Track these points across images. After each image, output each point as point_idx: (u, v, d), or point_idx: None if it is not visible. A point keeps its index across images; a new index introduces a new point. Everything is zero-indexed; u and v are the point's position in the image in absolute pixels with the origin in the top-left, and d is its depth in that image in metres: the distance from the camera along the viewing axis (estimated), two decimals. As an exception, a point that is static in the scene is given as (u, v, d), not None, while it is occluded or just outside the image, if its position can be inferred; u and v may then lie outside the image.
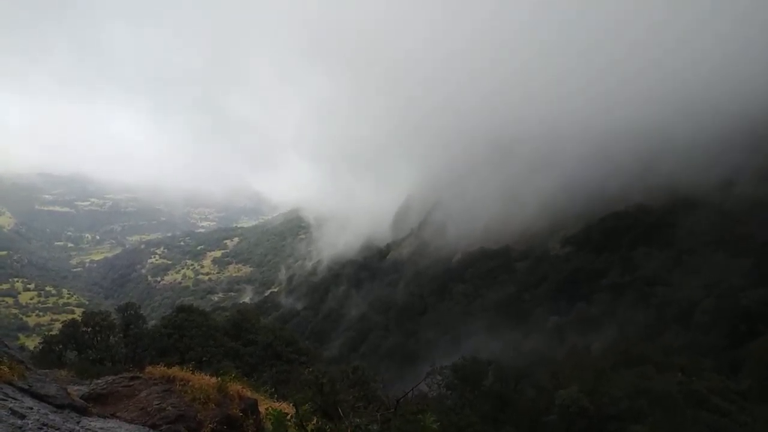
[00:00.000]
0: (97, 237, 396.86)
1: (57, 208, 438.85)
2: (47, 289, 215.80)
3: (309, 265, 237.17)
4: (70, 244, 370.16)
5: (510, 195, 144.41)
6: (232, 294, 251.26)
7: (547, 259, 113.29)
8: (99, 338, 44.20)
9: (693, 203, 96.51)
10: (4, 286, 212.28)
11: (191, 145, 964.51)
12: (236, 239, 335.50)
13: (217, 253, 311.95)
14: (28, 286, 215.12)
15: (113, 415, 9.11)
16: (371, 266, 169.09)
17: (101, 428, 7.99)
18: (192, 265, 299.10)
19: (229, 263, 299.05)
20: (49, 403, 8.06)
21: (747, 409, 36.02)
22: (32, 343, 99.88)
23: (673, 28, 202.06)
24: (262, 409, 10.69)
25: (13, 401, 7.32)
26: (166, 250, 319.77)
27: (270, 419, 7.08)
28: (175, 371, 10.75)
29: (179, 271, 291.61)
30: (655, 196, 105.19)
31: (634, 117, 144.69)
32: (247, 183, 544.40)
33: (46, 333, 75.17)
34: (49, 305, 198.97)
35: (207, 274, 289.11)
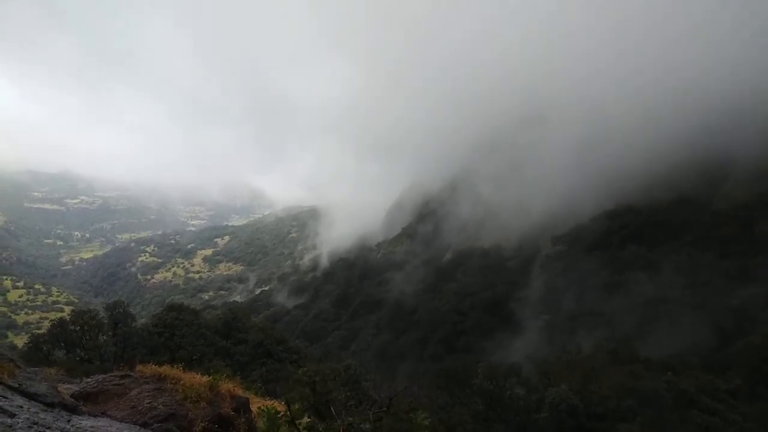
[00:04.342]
0: (87, 235, 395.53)
1: (46, 206, 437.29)
2: (36, 287, 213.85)
3: (301, 263, 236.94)
4: (59, 242, 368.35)
5: (501, 195, 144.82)
6: (223, 292, 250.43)
7: (538, 258, 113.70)
8: (88, 337, 43.82)
9: (682, 203, 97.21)
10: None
11: (186, 141, 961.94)
12: (227, 237, 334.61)
13: (208, 252, 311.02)
14: (17, 284, 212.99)
15: (104, 414, 9.06)
16: (363, 264, 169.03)
17: (92, 427, 7.95)
18: (182, 263, 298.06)
19: (220, 261, 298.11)
20: (40, 402, 8.01)
21: (736, 408, 36.29)
22: (21, 341, 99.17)
23: (670, 29, 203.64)
24: (253, 407, 10.67)
25: (3, 400, 7.27)
26: (156, 249, 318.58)
27: (262, 417, 7.07)
28: (166, 370, 10.70)
29: (169, 269, 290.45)
30: (644, 195, 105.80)
31: (620, 118, 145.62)
32: (245, 179, 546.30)
33: (35, 331, 74.49)
34: (38, 303, 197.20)
35: (197, 272, 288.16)
